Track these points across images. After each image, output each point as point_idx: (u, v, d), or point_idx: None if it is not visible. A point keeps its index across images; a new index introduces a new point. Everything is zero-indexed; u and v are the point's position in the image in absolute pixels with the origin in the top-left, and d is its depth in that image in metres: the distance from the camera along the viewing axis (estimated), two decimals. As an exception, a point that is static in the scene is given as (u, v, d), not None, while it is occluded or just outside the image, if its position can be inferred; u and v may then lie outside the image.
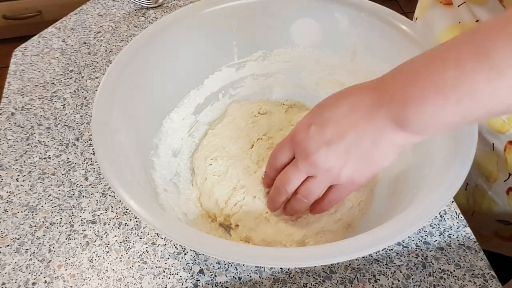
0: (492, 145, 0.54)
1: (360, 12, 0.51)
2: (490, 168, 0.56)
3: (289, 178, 0.41)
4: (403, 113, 0.33)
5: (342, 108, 0.37)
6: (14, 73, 0.66)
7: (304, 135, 0.39)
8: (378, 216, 0.46)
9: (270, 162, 0.44)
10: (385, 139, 0.35)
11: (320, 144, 0.37)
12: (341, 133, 0.36)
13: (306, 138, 0.38)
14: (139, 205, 0.35)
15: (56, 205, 0.51)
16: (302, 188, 0.41)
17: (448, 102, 0.31)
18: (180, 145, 0.55)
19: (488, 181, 0.57)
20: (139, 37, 0.48)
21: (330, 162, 0.37)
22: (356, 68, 0.55)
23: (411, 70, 0.33)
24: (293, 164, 0.41)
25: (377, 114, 0.35)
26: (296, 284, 0.44)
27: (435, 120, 0.32)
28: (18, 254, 0.47)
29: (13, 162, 0.55)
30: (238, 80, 0.59)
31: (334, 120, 0.37)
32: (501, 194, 0.56)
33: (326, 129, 0.37)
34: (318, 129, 0.38)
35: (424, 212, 0.34)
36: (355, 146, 0.36)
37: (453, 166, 0.37)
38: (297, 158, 0.40)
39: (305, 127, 0.39)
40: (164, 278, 0.45)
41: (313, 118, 0.39)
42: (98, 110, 0.41)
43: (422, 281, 0.44)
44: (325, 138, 0.37)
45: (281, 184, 0.42)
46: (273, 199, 0.44)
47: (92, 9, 0.79)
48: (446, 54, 0.31)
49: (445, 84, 0.30)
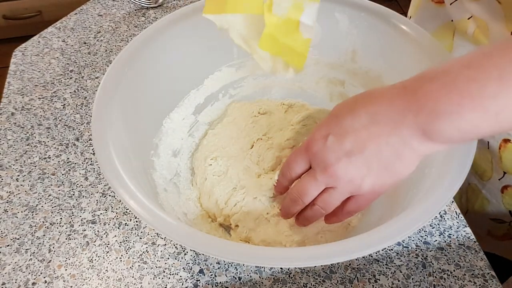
0: (487, 143, 0.54)
1: (360, 12, 0.51)
2: (484, 166, 0.56)
3: (307, 189, 0.39)
4: (435, 125, 0.31)
5: (362, 119, 0.35)
6: (14, 73, 0.66)
7: (321, 145, 0.37)
8: (378, 216, 0.46)
9: (284, 172, 0.42)
10: (408, 150, 0.34)
11: (340, 156, 0.36)
12: (362, 145, 0.35)
13: (324, 149, 0.37)
14: (139, 205, 0.35)
15: (56, 205, 0.51)
16: (320, 199, 0.39)
17: (486, 114, 0.29)
18: (180, 145, 0.55)
19: (482, 179, 0.57)
20: (139, 37, 0.48)
21: (350, 174, 0.36)
22: (356, 68, 0.55)
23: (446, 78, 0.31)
24: (310, 175, 0.39)
25: (401, 125, 0.33)
26: (296, 284, 0.44)
27: (470, 132, 0.31)
28: (18, 254, 0.47)
29: (13, 162, 0.55)
30: (238, 80, 0.59)
31: (353, 131, 0.35)
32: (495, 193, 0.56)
33: (345, 139, 0.35)
34: (336, 139, 0.36)
35: (424, 212, 0.34)
36: (377, 157, 0.35)
37: (453, 166, 0.37)
38: (315, 169, 0.38)
39: (322, 137, 0.37)
40: (164, 278, 0.45)
41: (330, 127, 0.37)
42: (98, 110, 0.41)
43: (422, 281, 0.44)
44: (345, 149, 0.35)
45: (298, 195, 0.40)
46: (287, 208, 0.43)
47: (92, 9, 0.79)
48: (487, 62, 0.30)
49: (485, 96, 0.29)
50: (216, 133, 0.57)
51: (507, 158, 0.52)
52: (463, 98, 0.30)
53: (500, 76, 0.29)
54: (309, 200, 0.40)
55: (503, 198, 0.56)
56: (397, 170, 0.35)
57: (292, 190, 0.41)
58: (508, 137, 0.51)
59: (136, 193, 0.36)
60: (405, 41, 0.48)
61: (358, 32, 0.53)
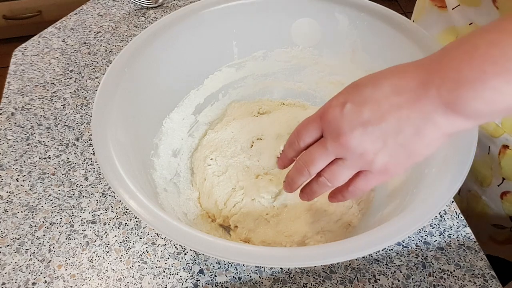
0: (488, 148, 0.54)
1: (360, 12, 0.52)
2: (484, 172, 0.56)
3: (314, 159, 0.36)
4: (458, 93, 0.29)
5: (384, 89, 0.33)
6: (14, 73, 0.66)
7: (337, 113, 0.34)
8: (378, 216, 0.46)
9: (292, 140, 0.39)
10: (431, 126, 0.31)
11: (356, 125, 0.33)
12: (381, 116, 0.32)
13: (340, 117, 0.34)
14: (139, 205, 0.35)
15: (56, 205, 0.51)
16: (328, 171, 0.36)
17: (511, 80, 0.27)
18: (180, 145, 0.55)
19: (482, 186, 0.57)
20: (139, 37, 0.48)
21: (364, 146, 0.33)
22: (356, 68, 0.55)
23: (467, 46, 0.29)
24: (320, 144, 0.36)
25: (424, 97, 0.31)
26: (296, 284, 0.44)
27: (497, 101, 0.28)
28: (18, 254, 0.47)
29: (13, 162, 0.55)
30: (238, 80, 0.59)
31: (374, 100, 0.33)
32: (495, 199, 0.56)
33: (364, 108, 0.33)
34: (354, 107, 0.33)
35: (424, 212, 0.34)
36: (395, 132, 0.32)
37: (453, 166, 0.37)
38: (326, 138, 0.35)
39: (339, 105, 0.34)
40: (164, 278, 0.45)
41: (349, 95, 0.34)
42: (98, 110, 0.41)
43: (422, 281, 0.44)
44: (362, 119, 0.33)
45: (304, 164, 0.37)
46: (292, 179, 0.40)
47: (92, 9, 0.79)
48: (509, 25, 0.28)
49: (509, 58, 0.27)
50: (216, 133, 0.57)
51: (507, 164, 0.52)
52: (485, 63, 0.28)
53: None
54: (316, 171, 0.37)
55: (503, 204, 0.56)
56: (415, 149, 0.33)
57: (298, 159, 0.38)
58: (506, 143, 0.51)
59: (136, 193, 0.36)
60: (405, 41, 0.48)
61: (358, 32, 0.53)
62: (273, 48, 0.57)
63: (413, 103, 0.31)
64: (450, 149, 0.38)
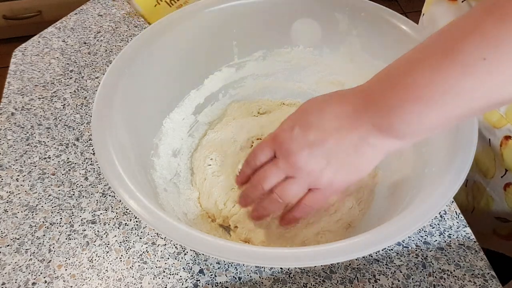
0: (489, 141, 0.54)
1: (360, 12, 0.52)
2: (487, 164, 0.56)
3: (268, 176, 0.40)
4: (388, 120, 0.34)
5: (326, 115, 0.38)
6: (14, 73, 0.66)
7: (287, 136, 0.39)
8: (378, 216, 0.46)
9: (249, 160, 0.43)
10: (367, 146, 0.36)
11: (303, 146, 0.38)
12: (324, 137, 0.37)
13: (289, 139, 0.39)
14: (139, 205, 0.35)
15: (56, 205, 0.51)
16: (279, 187, 0.40)
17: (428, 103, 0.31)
18: (180, 145, 0.55)
19: (486, 177, 0.57)
20: (139, 37, 0.48)
21: (310, 164, 0.38)
22: (356, 68, 0.55)
23: (390, 76, 0.34)
24: (273, 163, 0.41)
25: (359, 121, 0.36)
26: (296, 284, 0.44)
27: (420, 123, 0.33)
28: (18, 254, 0.47)
29: (13, 162, 0.55)
30: (238, 80, 0.59)
31: (317, 124, 0.38)
32: (498, 191, 0.56)
33: (309, 132, 0.38)
34: (301, 131, 0.38)
35: (424, 212, 0.34)
36: (336, 152, 0.37)
37: (453, 166, 0.37)
38: (278, 157, 0.40)
39: (288, 129, 0.39)
40: (164, 278, 0.45)
41: (297, 120, 0.40)
42: (98, 110, 0.41)
43: (422, 281, 0.44)
44: (308, 141, 0.37)
45: (258, 180, 0.41)
46: (246, 194, 0.44)
47: (92, 9, 0.79)
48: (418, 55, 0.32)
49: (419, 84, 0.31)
50: (216, 133, 0.57)
51: (508, 156, 0.52)
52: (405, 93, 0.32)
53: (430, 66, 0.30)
54: (269, 187, 0.41)
55: (506, 196, 0.56)
56: (356, 166, 0.38)
57: (254, 176, 0.42)
58: (509, 134, 0.51)
59: (136, 193, 0.36)
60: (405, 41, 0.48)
61: (358, 32, 0.53)
62: (273, 48, 0.57)
63: (349, 127, 0.36)
64: (450, 149, 0.38)
